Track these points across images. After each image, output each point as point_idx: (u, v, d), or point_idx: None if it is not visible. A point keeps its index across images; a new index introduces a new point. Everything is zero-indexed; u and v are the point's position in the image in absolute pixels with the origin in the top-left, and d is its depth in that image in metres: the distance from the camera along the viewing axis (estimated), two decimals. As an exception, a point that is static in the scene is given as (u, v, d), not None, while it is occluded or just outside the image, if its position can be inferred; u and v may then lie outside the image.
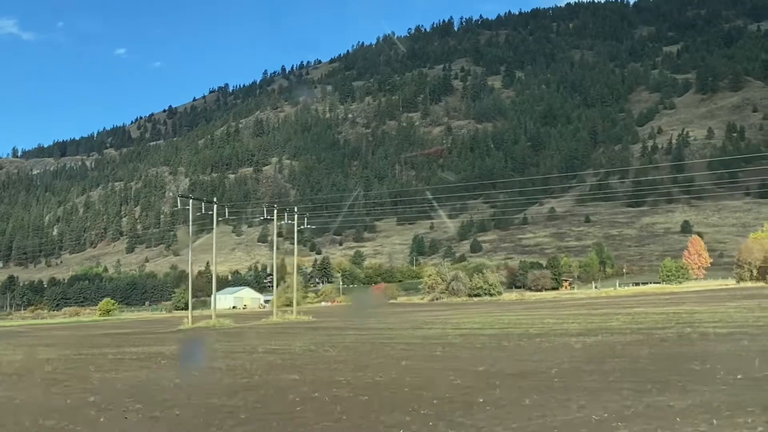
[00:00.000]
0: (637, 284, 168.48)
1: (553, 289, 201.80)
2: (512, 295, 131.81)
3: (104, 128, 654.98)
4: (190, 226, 78.20)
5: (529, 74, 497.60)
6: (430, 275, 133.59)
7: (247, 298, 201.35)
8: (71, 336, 60.01)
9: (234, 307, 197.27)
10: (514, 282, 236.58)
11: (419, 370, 21.63)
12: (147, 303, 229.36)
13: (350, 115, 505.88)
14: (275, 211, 79.44)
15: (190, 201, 72.68)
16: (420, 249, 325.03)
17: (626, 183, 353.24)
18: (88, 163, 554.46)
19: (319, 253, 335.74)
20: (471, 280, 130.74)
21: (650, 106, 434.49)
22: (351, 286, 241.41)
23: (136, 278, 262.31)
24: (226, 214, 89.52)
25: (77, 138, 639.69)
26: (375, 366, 22.98)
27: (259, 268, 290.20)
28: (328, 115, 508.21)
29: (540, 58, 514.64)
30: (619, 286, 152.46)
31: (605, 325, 37.98)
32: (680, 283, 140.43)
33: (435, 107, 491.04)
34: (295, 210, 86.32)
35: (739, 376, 16.74)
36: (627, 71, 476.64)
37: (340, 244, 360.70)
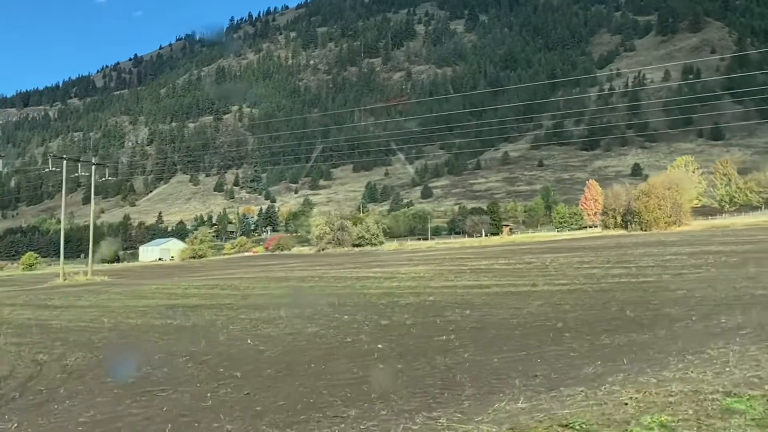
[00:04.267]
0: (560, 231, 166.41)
1: (493, 234, 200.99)
2: (392, 245, 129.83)
3: (69, 78, 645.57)
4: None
5: (492, 18, 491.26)
6: (318, 225, 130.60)
7: (175, 249, 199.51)
8: None
9: (160, 259, 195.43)
10: (455, 228, 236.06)
11: None
12: (82, 255, 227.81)
13: (312, 62, 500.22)
14: (64, 163, 78.57)
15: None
16: (372, 196, 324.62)
17: (581, 126, 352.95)
18: (51, 114, 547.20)
19: (273, 201, 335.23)
20: (356, 229, 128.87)
21: (611, 48, 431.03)
22: (298, 234, 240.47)
23: (71, 231, 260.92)
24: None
25: (41, 88, 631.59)
26: None
27: (205, 219, 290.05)
28: (290, 62, 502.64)
29: (504, 1, 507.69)
30: (511, 234, 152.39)
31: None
32: (572, 230, 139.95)
33: (396, 52, 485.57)
34: (93, 160, 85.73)
35: None
36: (590, 14, 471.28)
37: (296, 192, 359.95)
